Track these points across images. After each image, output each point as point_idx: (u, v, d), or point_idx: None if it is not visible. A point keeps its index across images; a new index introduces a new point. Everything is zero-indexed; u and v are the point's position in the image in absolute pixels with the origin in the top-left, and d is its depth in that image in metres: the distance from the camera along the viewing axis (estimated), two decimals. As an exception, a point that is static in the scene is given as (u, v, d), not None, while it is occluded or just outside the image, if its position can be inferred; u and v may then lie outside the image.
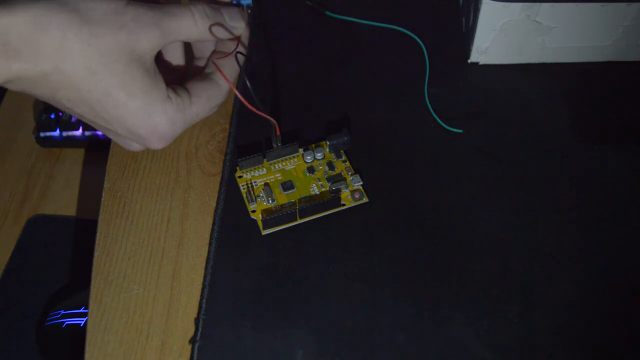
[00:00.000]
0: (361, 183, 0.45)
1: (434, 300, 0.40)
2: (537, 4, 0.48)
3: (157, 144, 0.39)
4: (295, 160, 0.46)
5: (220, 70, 0.41)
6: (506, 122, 0.49)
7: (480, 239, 0.43)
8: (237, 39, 0.42)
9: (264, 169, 0.46)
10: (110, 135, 0.40)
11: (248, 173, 0.46)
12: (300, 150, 0.47)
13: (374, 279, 0.41)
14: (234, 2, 0.43)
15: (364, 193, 0.45)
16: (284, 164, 0.46)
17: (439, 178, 0.46)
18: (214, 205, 0.45)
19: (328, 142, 0.46)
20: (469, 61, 0.53)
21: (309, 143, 0.47)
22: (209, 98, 0.40)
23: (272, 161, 0.46)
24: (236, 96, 0.50)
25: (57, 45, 0.34)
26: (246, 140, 0.48)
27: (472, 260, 0.42)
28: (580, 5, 0.48)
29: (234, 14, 0.41)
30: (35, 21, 0.33)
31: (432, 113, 0.49)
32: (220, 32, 0.40)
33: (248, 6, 0.43)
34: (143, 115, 0.37)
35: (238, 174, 0.46)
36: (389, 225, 0.44)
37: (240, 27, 0.41)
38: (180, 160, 0.47)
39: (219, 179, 0.46)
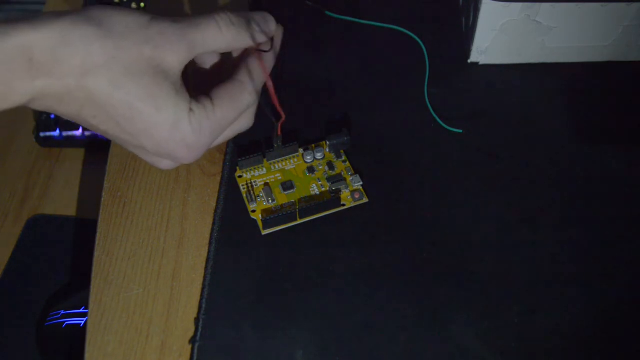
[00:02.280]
0: (361, 183, 0.45)
1: (434, 300, 0.40)
2: (537, 4, 0.48)
3: (187, 156, 0.38)
4: (295, 160, 0.46)
5: (259, 58, 0.40)
6: (506, 122, 0.49)
7: (480, 239, 0.43)
8: (271, 39, 0.41)
9: (264, 169, 0.46)
10: (138, 152, 0.39)
11: (248, 173, 0.46)
12: (300, 150, 0.47)
13: (374, 279, 0.41)
14: None
15: (364, 193, 0.45)
16: (284, 164, 0.46)
17: (439, 178, 0.46)
18: (214, 205, 0.45)
19: (328, 142, 0.46)
20: (469, 61, 0.53)
21: (309, 143, 0.47)
22: (232, 98, 0.39)
23: (272, 161, 0.46)
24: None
25: (82, 59, 0.33)
26: (246, 140, 0.48)
27: (472, 261, 0.42)
28: (580, 5, 0.48)
29: (260, 18, 0.40)
30: (60, 36, 0.33)
31: (432, 113, 0.49)
32: (248, 39, 0.39)
33: None
34: (169, 128, 0.36)
35: (238, 173, 0.46)
36: (389, 225, 0.44)
37: (270, 29, 0.40)
38: (180, 160, 0.47)
39: (219, 179, 0.46)
